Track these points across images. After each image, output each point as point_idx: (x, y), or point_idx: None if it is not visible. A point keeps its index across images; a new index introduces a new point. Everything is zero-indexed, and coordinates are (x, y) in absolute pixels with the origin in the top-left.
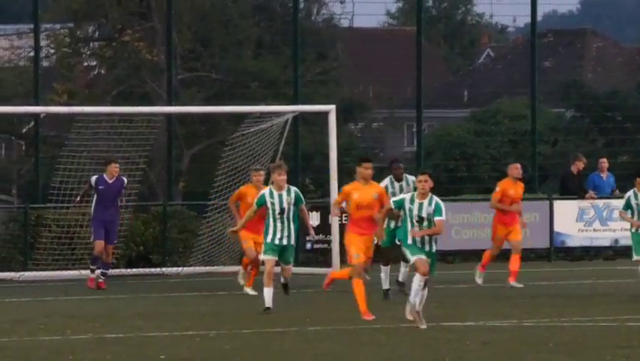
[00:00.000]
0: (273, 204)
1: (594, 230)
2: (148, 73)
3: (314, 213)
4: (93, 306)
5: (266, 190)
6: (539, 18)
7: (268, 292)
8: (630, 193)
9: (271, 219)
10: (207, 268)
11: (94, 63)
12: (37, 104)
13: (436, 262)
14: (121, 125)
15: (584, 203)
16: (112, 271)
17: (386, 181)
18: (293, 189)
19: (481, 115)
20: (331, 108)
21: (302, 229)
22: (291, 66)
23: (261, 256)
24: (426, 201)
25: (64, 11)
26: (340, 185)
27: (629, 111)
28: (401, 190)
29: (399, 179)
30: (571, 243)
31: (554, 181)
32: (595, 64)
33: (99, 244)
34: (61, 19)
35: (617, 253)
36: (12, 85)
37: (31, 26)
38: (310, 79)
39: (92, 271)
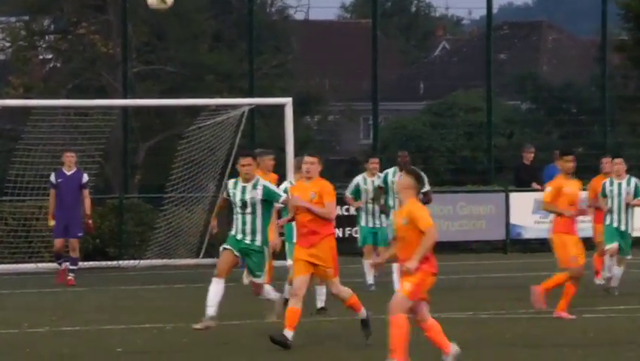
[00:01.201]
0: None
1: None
2: (104, 66)
3: None
4: (50, 299)
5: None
6: (495, 10)
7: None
8: (607, 181)
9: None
10: (164, 260)
11: (49, 56)
12: None
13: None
14: (77, 119)
15: (540, 195)
16: (67, 265)
17: (389, 170)
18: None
19: (436, 107)
20: (287, 101)
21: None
22: (246, 59)
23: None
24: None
25: (19, 4)
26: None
27: (584, 104)
28: None
29: (403, 168)
30: (527, 235)
31: (510, 173)
32: (550, 56)
33: (58, 242)
34: (17, 12)
35: None
36: None
37: None
38: (266, 72)
39: (59, 264)
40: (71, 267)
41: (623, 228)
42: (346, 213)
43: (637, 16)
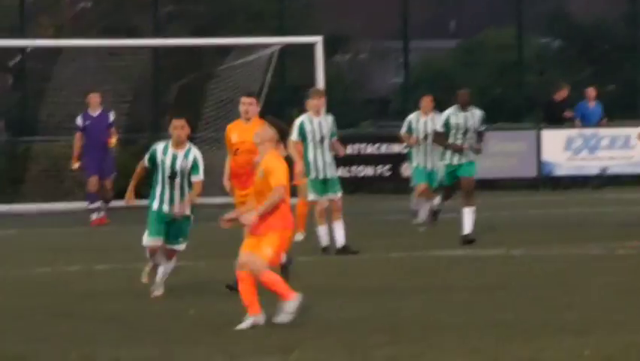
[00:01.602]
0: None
1: (582, 159)
2: (134, 6)
3: None
4: (83, 238)
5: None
6: None
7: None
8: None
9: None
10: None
11: None
12: (23, 38)
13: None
14: (107, 59)
15: (572, 132)
16: (100, 204)
17: (450, 110)
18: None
19: (467, 46)
20: (318, 40)
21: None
22: None
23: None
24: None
25: None
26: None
27: (616, 41)
28: (465, 120)
29: (464, 107)
30: (559, 172)
31: (541, 111)
32: None
33: (92, 181)
34: None
35: (604, 181)
36: None
37: None
38: (296, 10)
39: (92, 203)
40: (104, 206)
41: None
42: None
43: None
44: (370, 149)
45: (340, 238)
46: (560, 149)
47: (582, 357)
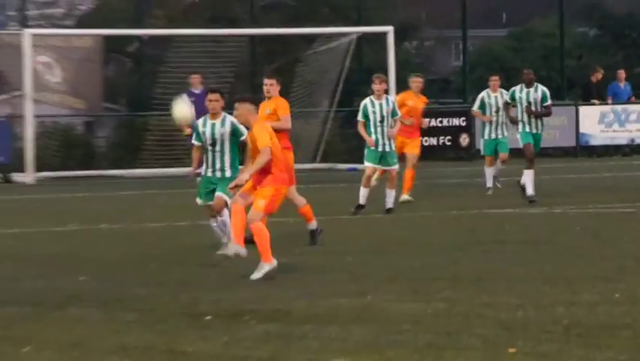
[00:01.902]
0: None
1: (614, 131)
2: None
3: None
4: (191, 199)
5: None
6: None
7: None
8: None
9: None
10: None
11: None
12: (140, 28)
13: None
14: (212, 45)
15: (605, 108)
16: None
17: (517, 87)
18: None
19: (517, 33)
20: (389, 29)
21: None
22: None
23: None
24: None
25: None
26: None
27: None
28: (528, 96)
29: (529, 85)
30: (594, 142)
31: (579, 90)
32: None
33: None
34: None
35: (633, 150)
36: (119, 11)
37: None
38: (372, 4)
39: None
40: None
41: None
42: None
43: None
44: (434, 122)
45: (389, 203)
46: (595, 122)
47: (613, 299)
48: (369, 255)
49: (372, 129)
